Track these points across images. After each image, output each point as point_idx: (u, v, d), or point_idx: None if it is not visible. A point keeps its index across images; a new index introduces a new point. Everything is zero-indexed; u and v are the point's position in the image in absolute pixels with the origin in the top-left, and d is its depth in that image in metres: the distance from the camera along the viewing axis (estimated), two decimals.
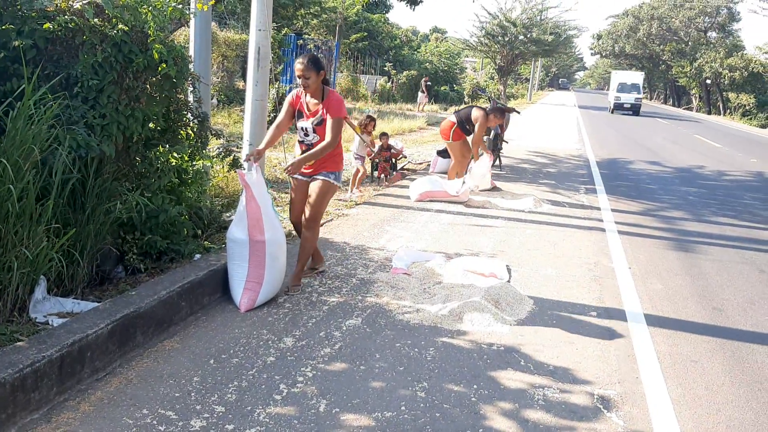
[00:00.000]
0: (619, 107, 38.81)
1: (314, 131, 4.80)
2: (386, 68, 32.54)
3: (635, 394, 3.68)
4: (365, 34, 33.35)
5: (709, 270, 6.37)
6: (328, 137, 4.72)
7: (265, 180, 4.56)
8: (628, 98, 38.85)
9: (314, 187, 4.86)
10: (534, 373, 3.83)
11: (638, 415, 3.46)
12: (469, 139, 9.18)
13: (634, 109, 38.59)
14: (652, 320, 4.86)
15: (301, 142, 4.95)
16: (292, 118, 4.95)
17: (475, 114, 8.93)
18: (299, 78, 4.67)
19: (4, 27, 3.91)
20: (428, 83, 28.74)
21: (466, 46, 41.70)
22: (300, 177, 4.96)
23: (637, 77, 42.44)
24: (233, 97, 16.74)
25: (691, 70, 51.80)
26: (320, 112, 4.76)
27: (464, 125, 8.98)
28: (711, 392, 3.80)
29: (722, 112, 48.65)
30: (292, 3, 23.74)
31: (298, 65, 4.62)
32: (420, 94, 27.96)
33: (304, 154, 4.76)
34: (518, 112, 11.98)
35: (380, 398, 3.38)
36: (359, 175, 8.97)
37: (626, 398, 3.63)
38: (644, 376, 3.92)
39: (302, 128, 4.86)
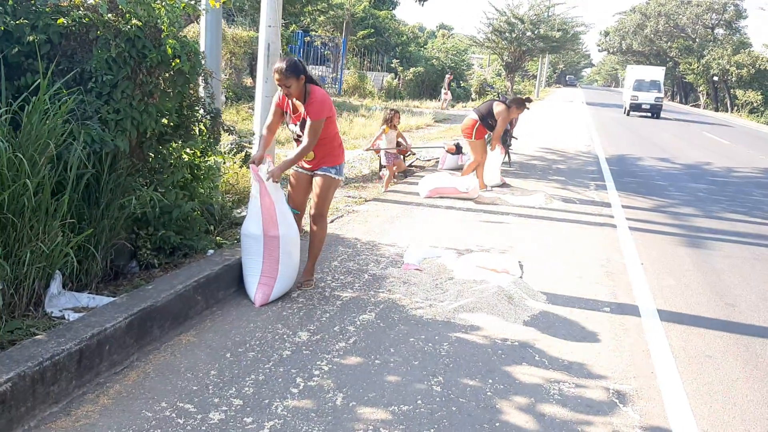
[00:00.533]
0: (636, 108, 33.16)
1: (303, 132, 4.66)
2: (393, 65, 32.52)
3: (650, 389, 3.68)
4: (372, 30, 33.33)
5: (721, 266, 6.35)
6: (305, 140, 4.58)
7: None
8: (646, 98, 33.09)
9: (317, 184, 4.82)
10: (549, 368, 3.82)
11: (654, 409, 3.46)
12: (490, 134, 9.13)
13: (654, 111, 32.94)
14: (666, 316, 4.85)
15: (297, 140, 4.82)
16: (282, 117, 4.87)
17: (498, 109, 8.88)
18: (279, 87, 4.56)
19: (18, 22, 3.92)
20: (452, 81, 28.78)
21: (473, 43, 41.66)
22: (300, 170, 4.92)
23: (657, 73, 36.75)
24: (241, 94, 16.76)
25: (698, 67, 51.62)
26: (303, 115, 4.64)
27: (486, 121, 8.91)
28: (726, 387, 3.79)
29: (729, 109, 48.45)
30: (300, 0, 23.75)
31: (276, 75, 4.45)
32: (443, 90, 28.04)
33: (284, 160, 4.68)
34: (527, 108, 11.95)
35: (396, 392, 3.39)
36: (385, 178, 8.98)
37: (642, 393, 3.62)
38: (659, 370, 3.91)
39: (292, 131, 4.80)
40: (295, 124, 4.71)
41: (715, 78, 50.01)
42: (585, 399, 3.49)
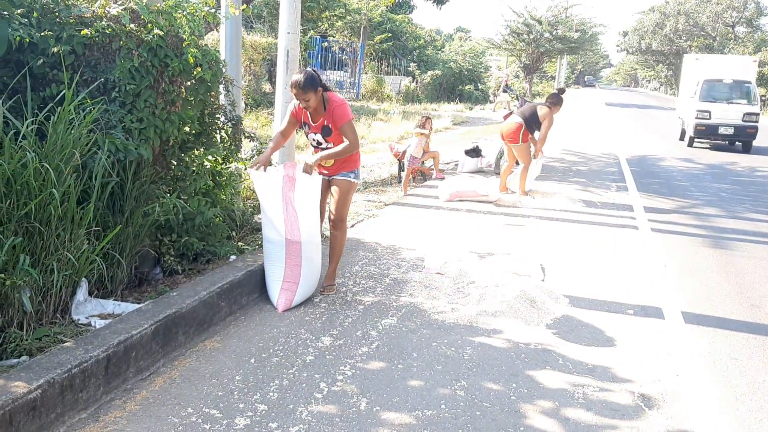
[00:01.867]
0: (708, 134, 17.49)
1: (326, 140, 4.72)
2: (411, 69, 32.56)
3: (676, 392, 3.64)
4: (389, 34, 33.38)
5: (745, 267, 6.28)
6: (349, 140, 4.64)
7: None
8: (728, 115, 17.21)
9: (336, 188, 4.87)
10: (573, 372, 3.81)
11: (680, 412, 3.43)
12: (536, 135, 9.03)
13: (743, 138, 17.46)
14: (690, 318, 4.80)
15: (316, 148, 4.86)
16: (296, 127, 4.93)
17: (543, 112, 8.74)
18: (297, 101, 4.60)
19: (43, 34, 3.99)
20: (508, 83, 29.42)
21: (490, 45, 41.54)
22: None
23: (743, 68, 20.97)
24: (260, 101, 16.87)
25: None
26: (325, 123, 4.68)
27: (531, 125, 8.82)
28: (753, 389, 3.75)
29: None
30: (317, 5, 23.86)
31: (294, 90, 4.48)
32: (502, 93, 28.27)
33: (324, 152, 4.68)
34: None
35: (420, 396, 3.39)
36: (405, 178, 8.99)
37: (667, 396, 3.59)
38: (685, 373, 3.88)
39: (313, 140, 4.83)
40: (316, 134, 4.75)
41: None
42: (610, 403, 3.47)
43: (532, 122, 8.77)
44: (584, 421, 3.26)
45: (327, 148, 4.73)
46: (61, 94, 3.81)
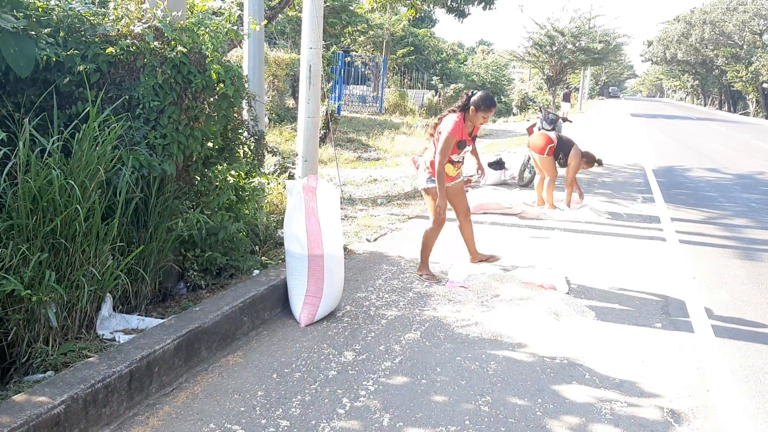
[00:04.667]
0: None
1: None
2: (433, 82, 32.60)
3: (707, 408, 3.56)
4: (412, 48, 33.51)
5: None
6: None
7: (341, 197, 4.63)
8: None
9: (462, 187, 5.84)
10: (600, 387, 3.74)
11: (711, 428, 3.34)
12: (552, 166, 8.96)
13: None
14: (721, 331, 4.70)
15: (455, 162, 5.58)
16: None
17: (575, 154, 8.71)
18: (485, 120, 5.45)
19: (69, 53, 4.04)
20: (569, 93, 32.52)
21: (513, 57, 41.49)
22: (448, 184, 5.62)
23: None
24: (284, 116, 16.98)
25: (746, 74, 50.40)
26: (471, 131, 5.60)
27: (560, 149, 8.76)
28: None
29: None
30: (340, 21, 24.02)
31: (491, 113, 5.42)
32: (564, 103, 30.89)
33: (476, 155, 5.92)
34: (570, 122, 11.80)
35: (443, 412, 3.35)
36: None
37: (698, 412, 3.51)
38: (715, 388, 3.79)
39: (464, 153, 5.60)
40: (469, 145, 5.61)
41: (765, 85, 48.72)
42: (638, 418, 3.40)
43: (562, 147, 8.73)
44: None
45: (460, 160, 5.61)
46: (86, 111, 3.85)
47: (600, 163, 8.94)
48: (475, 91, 5.50)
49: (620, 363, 4.08)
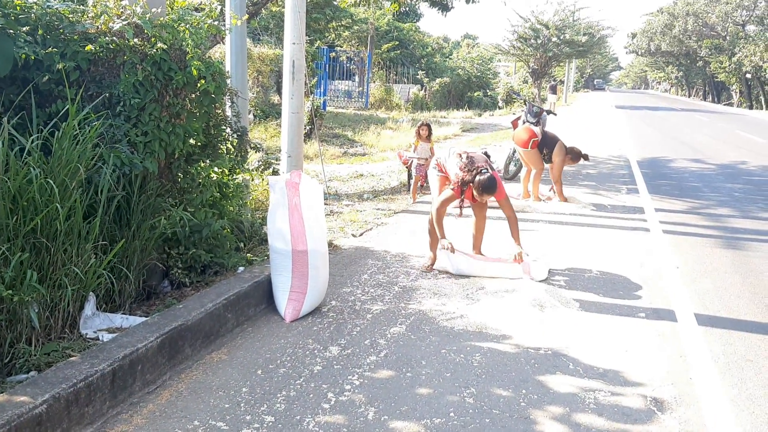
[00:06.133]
0: None
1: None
2: (419, 76, 32.60)
3: (689, 396, 3.60)
4: (397, 43, 33.48)
5: (760, 267, 6.21)
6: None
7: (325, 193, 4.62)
8: None
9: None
10: (583, 377, 3.76)
11: (693, 416, 3.38)
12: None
13: None
14: (704, 320, 4.74)
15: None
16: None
17: (559, 150, 8.71)
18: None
19: (47, 51, 4.01)
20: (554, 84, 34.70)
21: (498, 51, 41.55)
22: None
23: None
24: (269, 112, 16.93)
25: (730, 65, 50.72)
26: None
27: (544, 144, 8.77)
28: None
29: (765, 106, 47.46)
30: (324, 16, 23.96)
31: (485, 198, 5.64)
32: (551, 95, 32.58)
33: None
34: (555, 114, 11.86)
35: (428, 405, 3.36)
36: (414, 186, 8.95)
37: (680, 400, 3.54)
38: (698, 376, 3.83)
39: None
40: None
41: (748, 75, 49.04)
42: (622, 407, 3.43)
43: (546, 143, 8.76)
44: (596, 427, 3.22)
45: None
46: (66, 109, 3.83)
47: (586, 157, 8.97)
48: (485, 171, 5.49)
49: (604, 353, 4.11)
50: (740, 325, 4.70)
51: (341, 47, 30.67)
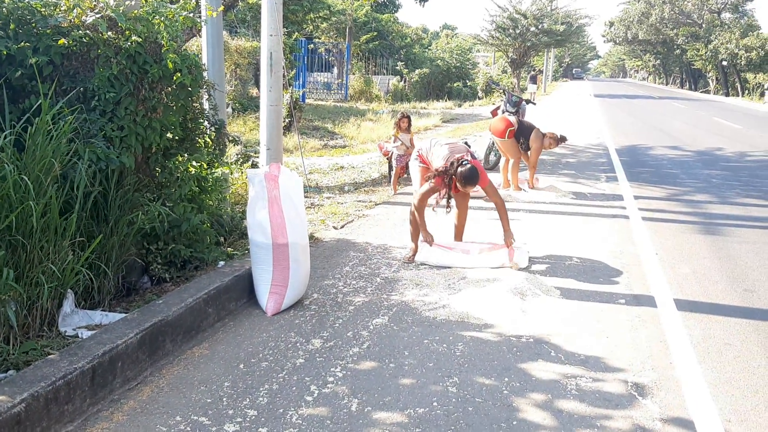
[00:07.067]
0: None
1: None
2: (398, 68, 32.53)
3: (670, 380, 3.63)
4: (375, 34, 33.37)
5: (738, 252, 6.28)
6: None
7: (306, 186, 4.60)
8: None
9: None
10: (565, 363, 3.79)
11: (674, 400, 3.41)
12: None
13: None
14: (683, 305, 4.79)
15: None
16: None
17: (536, 136, 8.70)
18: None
19: (20, 46, 3.94)
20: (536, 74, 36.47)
21: (477, 41, 41.60)
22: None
23: None
24: (248, 105, 16.82)
25: (706, 52, 51.13)
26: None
27: (520, 133, 8.77)
28: (747, 374, 3.74)
29: (741, 93, 47.98)
30: (302, 8, 23.82)
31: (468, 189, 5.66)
32: (531, 85, 34.03)
33: None
34: (534, 104, 11.90)
35: (411, 395, 3.37)
36: (394, 177, 8.93)
37: (661, 384, 3.58)
38: (678, 361, 3.86)
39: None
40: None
41: (724, 63, 49.49)
42: (603, 393, 3.45)
43: (523, 132, 8.76)
44: (578, 413, 3.25)
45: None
46: (39, 104, 3.77)
47: (564, 139, 9.01)
48: (466, 162, 5.48)
49: (585, 339, 4.14)
50: (719, 310, 4.76)
51: (320, 39, 30.53)
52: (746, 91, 47.34)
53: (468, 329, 4.24)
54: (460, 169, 5.41)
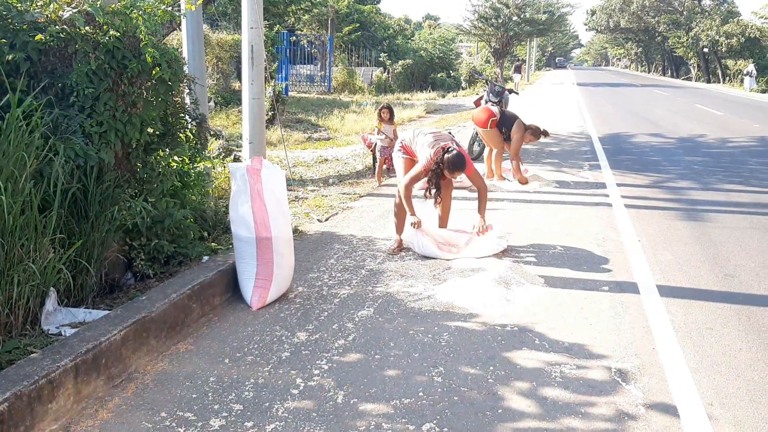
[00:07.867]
0: None
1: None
2: (381, 59, 32.42)
3: (653, 365, 3.67)
4: (358, 25, 33.21)
5: (719, 237, 6.34)
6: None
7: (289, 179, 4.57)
8: None
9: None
10: (549, 351, 3.81)
11: (657, 385, 3.44)
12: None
13: None
14: (665, 291, 4.84)
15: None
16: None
17: (517, 127, 8.67)
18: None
19: None
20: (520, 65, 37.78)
21: (460, 31, 41.57)
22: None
23: None
24: (230, 99, 16.72)
25: (687, 39, 51.42)
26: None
27: (502, 123, 8.75)
28: (729, 358, 3.78)
29: (722, 79, 48.32)
30: (282, 0, 23.67)
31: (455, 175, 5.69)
32: (515, 75, 35.36)
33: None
34: (517, 93, 11.93)
35: (397, 386, 3.38)
36: (378, 169, 8.91)
37: (644, 370, 3.61)
38: (660, 346, 3.90)
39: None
40: None
41: (705, 50, 49.78)
42: (587, 380, 3.48)
43: (505, 122, 8.75)
44: (562, 400, 3.27)
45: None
46: (8, 99, 3.70)
47: (546, 134, 9.02)
48: (452, 149, 5.51)
49: (569, 327, 4.17)
50: (700, 295, 4.80)
51: (302, 31, 30.35)
52: (727, 78, 47.67)
53: (453, 319, 4.26)
54: (446, 155, 5.44)
